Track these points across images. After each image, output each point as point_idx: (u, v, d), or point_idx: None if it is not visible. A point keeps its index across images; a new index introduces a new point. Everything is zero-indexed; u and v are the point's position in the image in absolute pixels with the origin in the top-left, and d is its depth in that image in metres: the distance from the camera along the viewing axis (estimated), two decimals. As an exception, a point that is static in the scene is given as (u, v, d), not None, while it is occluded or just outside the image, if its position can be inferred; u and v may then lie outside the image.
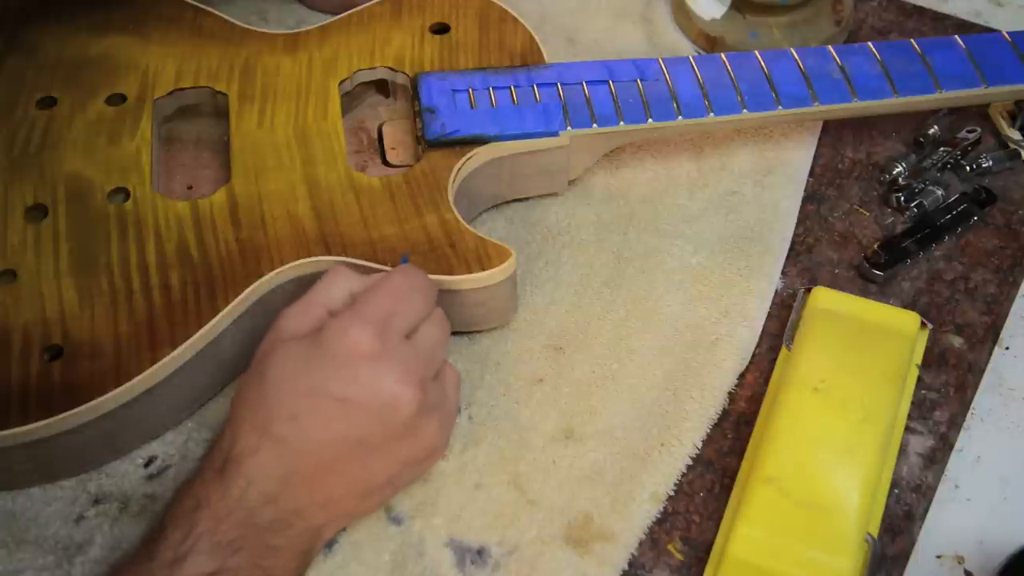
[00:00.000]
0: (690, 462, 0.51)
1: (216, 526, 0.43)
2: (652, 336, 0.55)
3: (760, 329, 0.56)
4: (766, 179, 0.62)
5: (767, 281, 0.57)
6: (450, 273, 0.51)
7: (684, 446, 0.52)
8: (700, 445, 0.52)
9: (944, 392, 0.54)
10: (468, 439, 0.52)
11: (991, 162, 0.61)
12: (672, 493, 0.50)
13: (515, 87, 0.57)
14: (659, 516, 0.50)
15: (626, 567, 0.48)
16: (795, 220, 0.60)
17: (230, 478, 0.44)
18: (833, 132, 0.64)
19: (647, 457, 0.51)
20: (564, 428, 0.52)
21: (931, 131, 0.63)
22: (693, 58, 0.59)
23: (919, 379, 0.54)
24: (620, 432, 0.52)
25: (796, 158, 0.63)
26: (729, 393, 0.54)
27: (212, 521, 0.43)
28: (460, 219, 0.53)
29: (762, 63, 0.59)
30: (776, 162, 0.62)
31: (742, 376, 0.54)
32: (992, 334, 0.56)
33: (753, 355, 0.55)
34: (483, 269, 0.51)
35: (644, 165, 0.62)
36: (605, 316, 0.56)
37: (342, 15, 0.62)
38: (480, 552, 0.49)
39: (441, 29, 0.61)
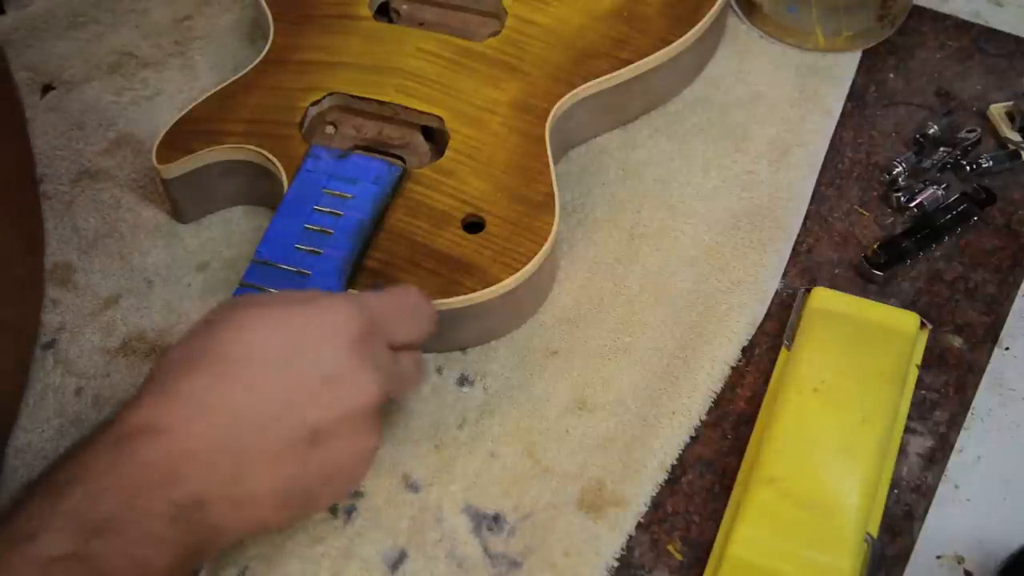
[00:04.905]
0: (700, 425, 0.53)
1: (89, 504, 0.37)
2: (664, 309, 0.56)
3: (769, 301, 0.57)
4: (782, 160, 0.62)
5: (778, 256, 0.58)
6: None
7: (694, 414, 0.53)
8: (706, 417, 0.53)
9: (944, 392, 0.54)
10: (483, 409, 0.53)
11: (991, 162, 0.61)
12: (676, 462, 0.52)
13: None
14: (668, 479, 0.51)
15: (633, 532, 0.50)
16: (809, 199, 0.61)
17: (129, 453, 0.38)
18: (834, 132, 0.64)
19: (658, 424, 0.52)
20: (577, 399, 0.53)
21: (931, 131, 0.63)
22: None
23: (919, 379, 0.54)
24: (631, 401, 0.53)
25: (813, 141, 0.63)
26: (730, 387, 0.54)
27: (85, 498, 0.37)
28: None
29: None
30: (792, 143, 0.63)
31: (742, 376, 0.55)
32: (992, 334, 0.56)
33: (753, 355, 0.55)
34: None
35: (659, 146, 0.63)
36: (618, 292, 0.57)
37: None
38: (496, 518, 0.50)
39: None
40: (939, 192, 0.60)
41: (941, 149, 0.62)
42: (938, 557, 0.49)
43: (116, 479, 0.38)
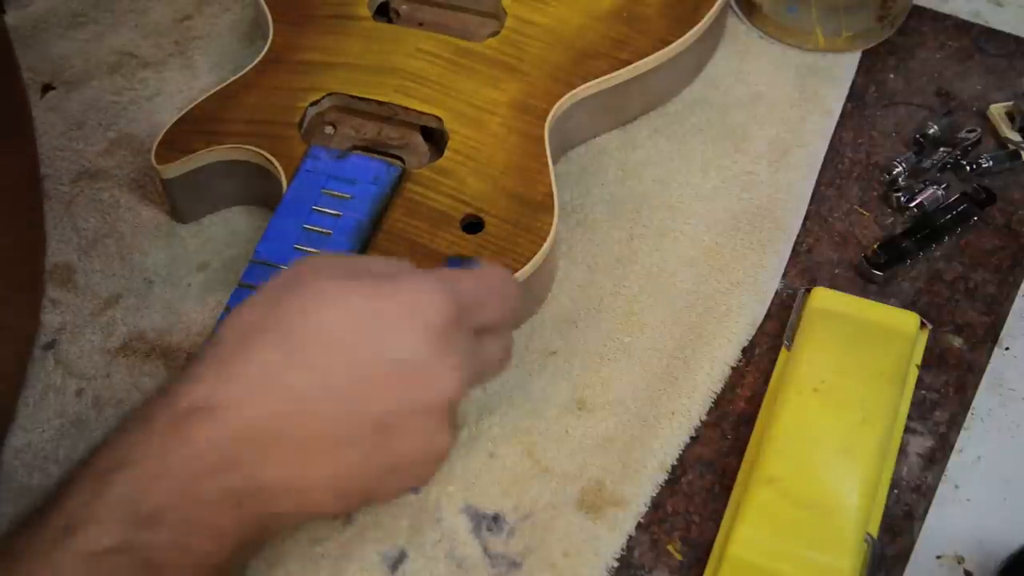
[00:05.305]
0: (700, 425, 0.53)
1: (138, 491, 0.34)
2: (664, 310, 0.56)
3: (769, 301, 0.57)
4: (781, 160, 0.62)
5: (778, 257, 0.58)
6: None
7: (694, 414, 0.53)
8: (706, 417, 0.53)
9: (944, 392, 0.54)
10: (482, 410, 0.53)
11: (991, 162, 0.61)
12: (676, 462, 0.52)
13: None
14: (668, 479, 0.51)
15: (633, 532, 0.50)
16: (808, 200, 0.61)
17: (182, 436, 0.35)
18: (834, 132, 0.64)
19: (658, 424, 0.52)
20: (576, 399, 0.53)
21: (931, 131, 0.62)
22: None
23: (919, 379, 0.54)
24: (631, 401, 0.53)
25: (813, 141, 0.63)
26: (730, 387, 0.54)
27: (134, 484, 0.34)
28: None
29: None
30: (792, 144, 0.63)
31: (742, 376, 0.55)
32: (992, 334, 0.56)
33: (753, 355, 0.55)
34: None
35: (658, 147, 0.63)
36: (617, 292, 0.57)
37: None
38: (495, 518, 0.50)
39: None
40: (939, 192, 0.60)
41: (941, 149, 0.62)
42: (938, 557, 0.49)
43: (168, 465, 0.35)
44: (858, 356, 0.51)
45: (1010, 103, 0.64)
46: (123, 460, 0.35)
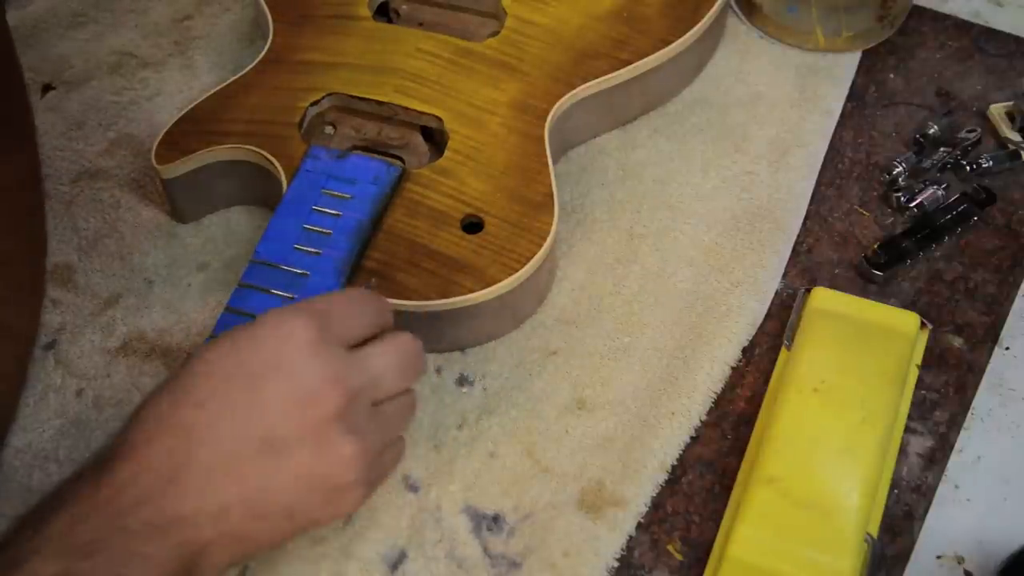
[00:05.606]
0: (700, 425, 0.53)
1: (72, 527, 0.38)
2: (664, 310, 0.56)
3: (769, 301, 0.57)
4: (781, 160, 0.62)
5: (778, 256, 0.58)
6: None
7: (694, 414, 0.53)
8: (706, 417, 0.53)
9: (944, 392, 0.54)
10: (482, 409, 0.53)
11: (991, 162, 0.61)
12: (676, 462, 0.52)
13: None
14: (668, 479, 0.51)
15: (633, 532, 0.50)
16: (808, 200, 0.61)
17: (107, 475, 0.40)
18: (834, 132, 0.64)
19: (658, 424, 0.53)
20: (576, 399, 0.53)
21: (931, 131, 0.62)
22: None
23: (919, 379, 0.54)
24: (631, 401, 0.53)
25: (813, 141, 0.63)
26: (730, 387, 0.54)
27: (68, 521, 0.39)
28: None
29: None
30: (792, 144, 0.63)
31: (742, 376, 0.55)
32: (992, 334, 0.56)
33: (753, 355, 0.55)
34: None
35: (658, 147, 0.63)
36: (617, 292, 0.57)
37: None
38: (496, 518, 0.50)
39: None
40: (939, 192, 0.60)
41: (941, 149, 0.62)
42: (938, 557, 0.49)
43: (97, 501, 0.39)
44: (858, 356, 0.51)
45: (1010, 103, 0.64)
46: (61, 501, 0.39)
